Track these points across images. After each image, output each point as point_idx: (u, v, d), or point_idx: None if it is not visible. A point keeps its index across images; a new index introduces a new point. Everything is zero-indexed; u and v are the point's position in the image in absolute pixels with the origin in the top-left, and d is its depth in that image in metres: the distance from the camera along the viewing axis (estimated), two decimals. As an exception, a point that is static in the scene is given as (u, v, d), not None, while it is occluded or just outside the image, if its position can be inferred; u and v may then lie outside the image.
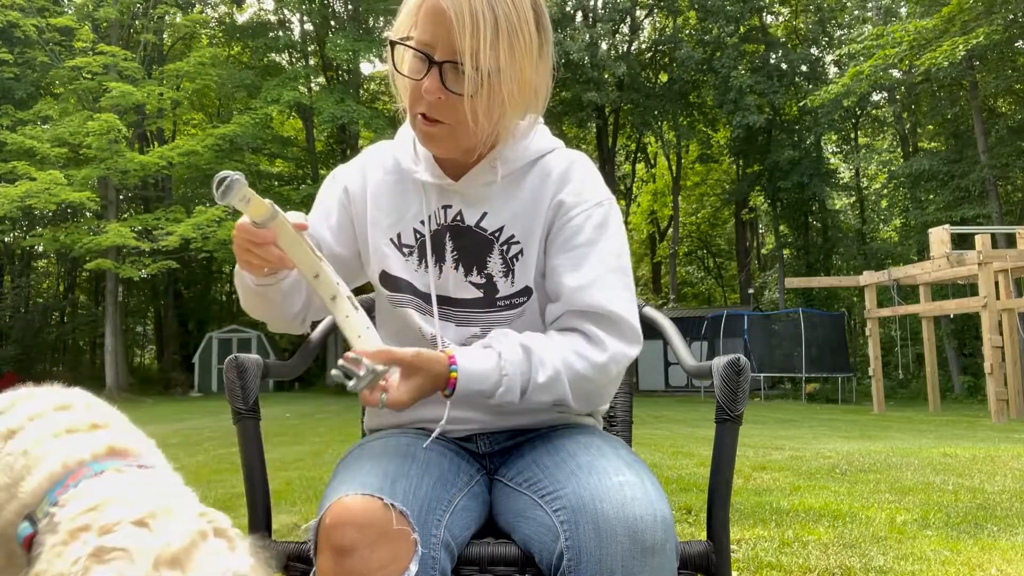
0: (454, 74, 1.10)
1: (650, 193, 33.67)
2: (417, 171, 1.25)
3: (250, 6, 29.25)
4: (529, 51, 1.13)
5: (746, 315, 20.77)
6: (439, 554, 1.00)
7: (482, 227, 1.24)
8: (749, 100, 22.70)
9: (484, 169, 1.22)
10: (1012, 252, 11.92)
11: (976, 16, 16.64)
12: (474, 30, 1.07)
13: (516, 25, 1.10)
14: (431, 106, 1.12)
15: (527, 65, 1.13)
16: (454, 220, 1.25)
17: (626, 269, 1.22)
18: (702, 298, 35.74)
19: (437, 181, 1.24)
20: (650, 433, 8.75)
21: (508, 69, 1.10)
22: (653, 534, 0.95)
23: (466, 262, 1.24)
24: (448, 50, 1.09)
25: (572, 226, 1.21)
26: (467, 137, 1.16)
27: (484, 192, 1.23)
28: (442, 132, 1.15)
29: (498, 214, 1.23)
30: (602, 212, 1.23)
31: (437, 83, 1.10)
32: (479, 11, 1.07)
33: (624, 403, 1.58)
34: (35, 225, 24.41)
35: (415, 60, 1.13)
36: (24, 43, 22.22)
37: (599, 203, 1.23)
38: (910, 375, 20.44)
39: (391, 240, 1.28)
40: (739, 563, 2.88)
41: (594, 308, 1.16)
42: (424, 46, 1.11)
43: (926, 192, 22.51)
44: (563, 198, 1.22)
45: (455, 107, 1.11)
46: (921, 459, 5.95)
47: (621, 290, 1.19)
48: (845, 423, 11.03)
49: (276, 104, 22.67)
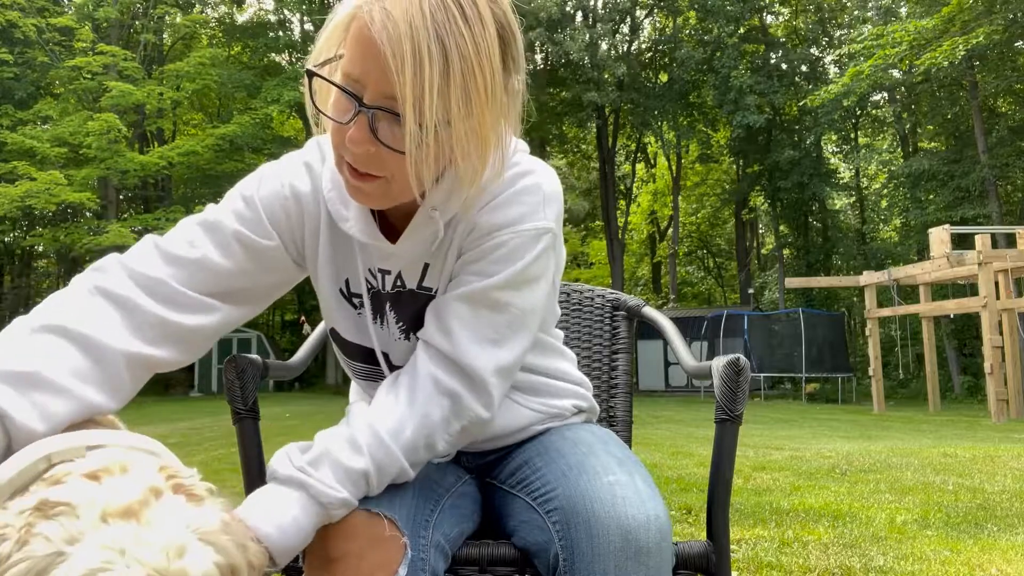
0: (389, 123, 0.87)
1: (650, 193, 33.67)
2: (348, 222, 1.03)
3: (250, 6, 29.25)
4: (491, 94, 0.88)
5: (746, 315, 20.77)
6: (428, 555, 0.99)
7: (425, 287, 1.07)
8: (749, 100, 22.70)
9: (423, 222, 1.01)
10: (1012, 252, 11.91)
11: (976, 16, 16.64)
12: (417, 73, 0.82)
13: (474, 63, 0.85)
14: (358, 158, 0.90)
15: (487, 111, 0.89)
16: (395, 287, 1.08)
17: (503, 307, 1.01)
18: (702, 298, 35.74)
19: (370, 242, 1.03)
20: (650, 433, 8.75)
21: (461, 121, 0.87)
22: (646, 534, 0.94)
23: (416, 329, 1.08)
24: (380, 93, 0.86)
25: (472, 255, 1.03)
26: (405, 193, 0.93)
27: (423, 248, 1.04)
28: (373, 188, 0.93)
29: (441, 263, 1.06)
30: (517, 244, 1.01)
31: (366, 133, 0.87)
32: (423, 47, 0.83)
33: (624, 403, 1.58)
34: (35, 225, 24.40)
35: (340, 97, 0.90)
36: (24, 43, 22.21)
37: (517, 232, 1.01)
38: (910, 375, 20.43)
39: (340, 291, 1.11)
40: (739, 563, 2.88)
41: (443, 349, 1.00)
42: (351, 82, 0.88)
43: (926, 192, 22.51)
44: (478, 218, 1.01)
45: (389, 161, 0.89)
46: (921, 459, 5.95)
47: (479, 329, 1.00)
48: (845, 423, 11.03)
49: (276, 104, 22.67)
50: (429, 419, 0.98)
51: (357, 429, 0.95)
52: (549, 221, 1.04)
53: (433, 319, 1.03)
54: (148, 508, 0.67)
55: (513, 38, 0.93)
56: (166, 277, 0.99)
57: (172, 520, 0.67)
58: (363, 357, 1.16)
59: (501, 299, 1.01)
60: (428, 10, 0.84)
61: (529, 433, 1.20)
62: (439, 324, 1.02)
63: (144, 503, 0.67)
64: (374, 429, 0.95)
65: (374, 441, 0.94)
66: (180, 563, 0.64)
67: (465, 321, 1.01)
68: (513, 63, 0.94)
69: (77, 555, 0.61)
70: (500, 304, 1.02)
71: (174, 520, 0.67)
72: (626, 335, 1.62)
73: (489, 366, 1.00)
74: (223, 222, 1.04)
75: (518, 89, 0.97)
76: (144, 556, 0.63)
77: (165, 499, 0.69)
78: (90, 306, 0.95)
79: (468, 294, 1.01)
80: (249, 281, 1.06)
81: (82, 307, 0.95)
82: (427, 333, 1.03)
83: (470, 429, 1.02)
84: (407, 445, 0.96)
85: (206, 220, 1.05)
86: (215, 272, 1.02)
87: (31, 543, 0.62)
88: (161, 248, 1.02)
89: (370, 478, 0.93)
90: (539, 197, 1.03)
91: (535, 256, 1.02)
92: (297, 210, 1.06)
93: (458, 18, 0.85)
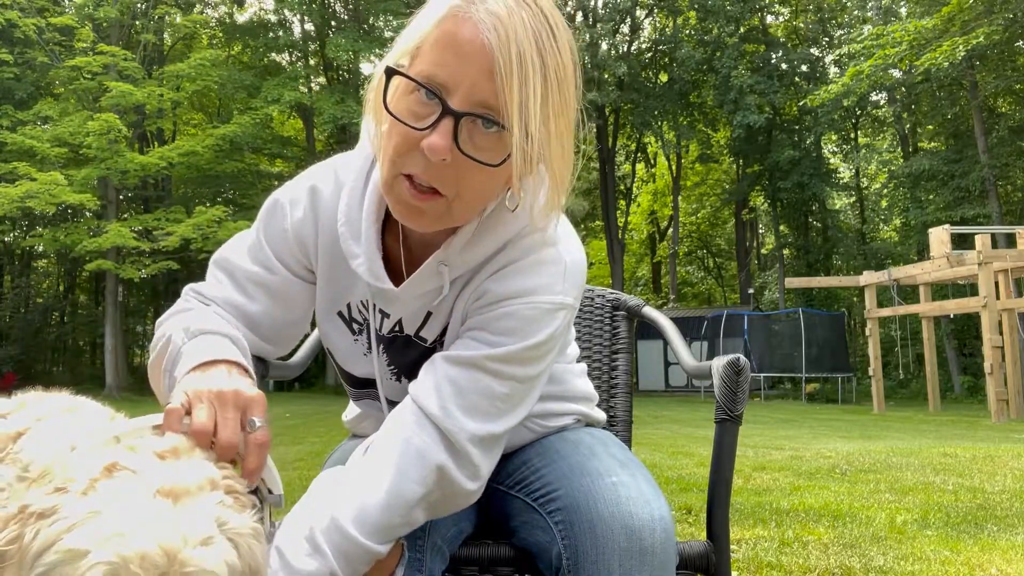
0: (471, 131, 0.84)
1: (650, 193, 33.66)
2: (357, 259, 0.99)
3: (250, 6, 29.24)
4: (572, 114, 0.89)
5: (746, 315, 20.77)
6: (425, 555, 0.99)
7: (421, 336, 1.04)
8: (749, 100, 22.70)
9: (429, 274, 0.97)
10: (1012, 252, 11.91)
11: (976, 16, 16.64)
12: (523, 82, 0.80)
13: (566, 81, 0.86)
14: (429, 169, 0.84)
15: (569, 131, 0.88)
16: (392, 331, 1.05)
17: (504, 378, 0.95)
18: (702, 298, 35.73)
19: (376, 284, 0.99)
20: (650, 433, 8.74)
21: (556, 137, 0.86)
22: (651, 534, 0.95)
23: (407, 373, 1.07)
24: (472, 99, 0.82)
25: (480, 320, 0.97)
26: (466, 215, 0.90)
27: (425, 301, 1.01)
28: (433, 208, 0.87)
29: (440, 316, 1.02)
30: (530, 315, 0.95)
31: (449, 140, 0.82)
32: (527, 57, 0.81)
33: (624, 403, 1.58)
34: (35, 225, 24.40)
35: (417, 101, 0.84)
36: (24, 43, 22.21)
37: (532, 305, 0.95)
38: (910, 375, 20.43)
39: (339, 314, 1.08)
40: (739, 563, 2.88)
41: (451, 434, 0.93)
42: (436, 85, 0.83)
43: (926, 192, 22.52)
44: (489, 285, 0.96)
45: (463, 176, 0.85)
46: (921, 459, 5.95)
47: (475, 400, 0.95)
48: (845, 423, 11.03)
49: (276, 104, 22.67)
50: (408, 496, 0.90)
51: (317, 520, 0.88)
52: (568, 296, 0.98)
53: (428, 378, 0.96)
54: (191, 496, 0.70)
55: (579, 71, 0.91)
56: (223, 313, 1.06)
57: (207, 512, 0.70)
58: (356, 383, 1.15)
59: (504, 371, 0.95)
60: (528, 20, 0.83)
61: (526, 438, 1.20)
62: (432, 384, 0.95)
63: (199, 488, 0.71)
64: (337, 523, 0.88)
65: (336, 534, 0.87)
66: (191, 551, 0.66)
67: (460, 388, 0.94)
68: (580, 90, 0.92)
69: (108, 517, 0.65)
70: (502, 375, 0.95)
71: (209, 513, 0.70)
72: (626, 335, 1.62)
73: (476, 438, 0.94)
74: (239, 263, 1.07)
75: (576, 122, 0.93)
76: (163, 533, 0.66)
77: (215, 495, 0.72)
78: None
79: (469, 360, 0.95)
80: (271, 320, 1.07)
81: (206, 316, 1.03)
82: (419, 392, 0.96)
83: (455, 500, 0.96)
84: (376, 529, 0.89)
85: (229, 262, 1.08)
86: (245, 313, 1.06)
87: (84, 499, 0.67)
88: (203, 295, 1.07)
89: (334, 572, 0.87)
90: (560, 268, 0.97)
91: (549, 334, 0.96)
92: (297, 242, 1.06)
93: (552, 34, 0.85)
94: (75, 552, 0.64)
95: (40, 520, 0.66)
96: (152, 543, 0.65)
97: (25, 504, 0.68)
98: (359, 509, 0.89)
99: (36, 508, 0.67)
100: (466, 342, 0.97)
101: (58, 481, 0.69)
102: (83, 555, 0.63)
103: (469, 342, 0.97)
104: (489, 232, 0.95)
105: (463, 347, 0.97)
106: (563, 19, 0.88)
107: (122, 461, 0.70)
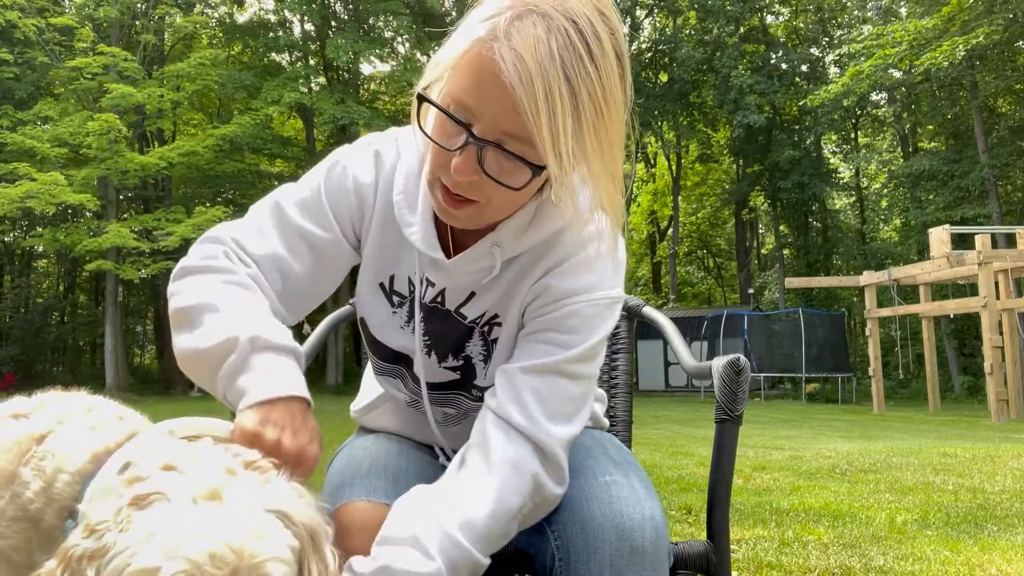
0: (496, 156, 0.87)
1: (650, 193, 33.65)
2: (411, 227, 1.03)
3: (250, 6, 29.23)
4: (618, 130, 0.88)
5: (746, 315, 20.76)
6: None
7: (461, 313, 1.07)
8: (749, 100, 22.71)
9: (483, 253, 1.01)
10: (1012, 252, 11.92)
11: (976, 16, 16.64)
12: (550, 115, 0.82)
13: (601, 103, 0.85)
14: (459, 185, 0.90)
15: (616, 147, 0.89)
16: (434, 301, 1.08)
17: (578, 378, 1.01)
18: (702, 298, 35.73)
19: (428, 252, 1.03)
20: (650, 433, 8.74)
21: (597, 159, 0.87)
22: (642, 534, 0.95)
23: (439, 349, 1.10)
24: (497, 128, 0.86)
25: (545, 320, 1.02)
26: (498, 216, 0.96)
27: (475, 278, 1.04)
28: (469, 212, 0.93)
29: (486, 296, 1.05)
30: (591, 312, 1.01)
31: (473, 164, 0.87)
32: (554, 88, 0.81)
33: (624, 403, 1.58)
34: (35, 225, 24.40)
35: (447, 122, 0.89)
36: (24, 43, 22.20)
37: (591, 301, 1.01)
38: (910, 375, 20.42)
39: (380, 285, 1.11)
40: (739, 563, 2.88)
41: (523, 429, 0.97)
42: (462, 110, 0.87)
43: (926, 192, 22.52)
44: (550, 281, 1.01)
45: (492, 190, 0.90)
46: (921, 459, 5.95)
47: (558, 405, 0.99)
48: (845, 423, 11.03)
49: (276, 105, 22.66)
50: (510, 506, 0.93)
51: (423, 531, 0.89)
52: (620, 289, 1.05)
53: (507, 391, 0.99)
54: (227, 489, 0.73)
55: (627, 66, 0.91)
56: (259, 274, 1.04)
57: (250, 499, 0.73)
58: (387, 356, 1.16)
59: (578, 371, 1.01)
60: (556, 50, 0.82)
61: None
62: (513, 396, 0.98)
63: (225, 483, 0.73)
64: (444, 530, 0.90)
65: (446, 542, 0.89)
66: (256, 544, 0.69)
67: (542, 396, 0.98)
68: (627, 81, 0.92)
69: (165, 535, 0.68)
70: (578, 376, 1.01)
71: (252, 499, 0.73)
72: (626, 335, 1.62)
73: (564, 443, 0.99)
74: (290, 215, 1.05)
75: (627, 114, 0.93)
76: (225, 534, 0.68)
77: (240, 477, 0.75)
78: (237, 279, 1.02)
79: (547, 366, 0.99)
80: (308, 284, 1.07)
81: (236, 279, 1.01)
82: (499, 405, 0.99)
83: (544, 507, 0.99)
84: (481, 539, 0.91)
85: (278, 214, 1.06)
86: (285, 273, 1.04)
87: (131, 530, 0.69)
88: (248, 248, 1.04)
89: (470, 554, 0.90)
90: (613, 264, 1.04)
91: (609, 328, 1.03)
92: (357, 202, 1.07)
93: (584, 58, 0.84)
94: (147, 571, 0.66)
95: (95, 560, 0.68)
96: (217, 543, 0.67)
97: (65, 549, 0.69)
98: (465, 519, 0.91)
99: (81, 551, 0.69)
100: (537, 347, 1.01)
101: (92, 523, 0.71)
102: (155, 572, 0.65)
103: (540, 347, 1.01)
104: (545, 220, 1.00)
105: (536, 354, 1.00)
106: (607, 21, 0.87)
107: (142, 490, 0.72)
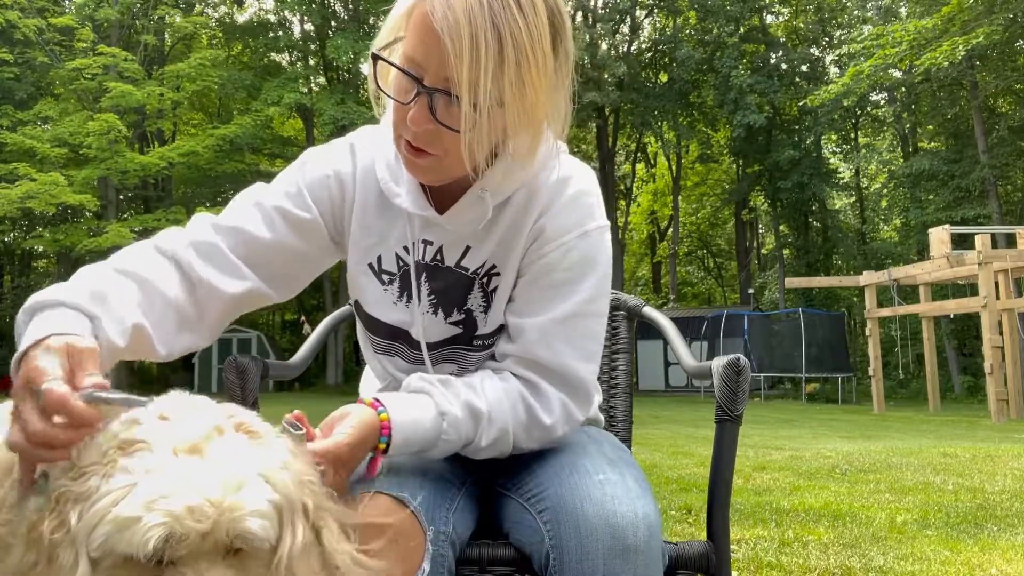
0: (447, 104, 0.94)
1: (650, 193, 33.67)
2: (399, 196, 1.10)
3: (250, 6, 29.25)
4: (541, 77, 0.95)
5: (746, 315, 20.77)
6: (447, 551, 1.00)
7: (463, 266, 1.12)
8: (749, 100, 22.71)
9: (472, 201, 1.07)
10: (1012, 252, 11.91)
11: (976, 16, 16.65)
12: (473, 60, 0.89)
13: (527, 49, 0.92)
14: (417, 136, 0.97)
15: (539, 94, 0.96)
16: (433, 259, 1.13)
17: (598, 315, 1.11)
18: (702, 298, 35.74)
19: (420, 212, 1.09)
20: (650, 433, 8.74)
21: (514, 102, 0.94)
22: (635, 532, 0.95)
23: (445, 305, 1.14)
24: (440, 76, 0.93)
25: (546, 262, 1.09)
26: (458, 168, 1.00)
27: (470, 228, 1.10)
28: (429, 163, 1.00)
29: (481, 248, 1.11)
30: (585, 245, 1.09)
31: (426, 113, 0.95)
32: (481, 35, 0.89)
33: (624, 403, 1.59)
34: (35, 225, 24.41)
35: (401, 78, 0.97)
36: (24, 43, 22.22)
37: (583, 233, 1.09)
38: (910, 375, 20.44)
39: (369, 265, 1.15)
40: (739, 563, 2.88)
41: (552, 366, 1.07)
42: (413, 65, 0.95)
43: (926, 192, 22.53)
44: (544, 223, 1.09)
45: (444, 138, 0.97)
46: (921, 459, 5.95)
47: (583, 344, 1.09)
48: (845, 423, 11.03)
49: (276, 105, 22.67)
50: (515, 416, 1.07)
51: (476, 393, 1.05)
52: (604, 217, 1.14)
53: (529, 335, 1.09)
54: (211, 444, 0.74)
55: (563, 25, 0.99)
56: (217, 242, 1.07)
57: (233, 456, 0.74)
58: (384, 332, 1.18)
59: (595, 309, 1.11)
60: (486, 1, 0.91)
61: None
62: (540, 340, 1.08)
63: (207, 439, 0.74)
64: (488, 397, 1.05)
65: (494, 399, 1.05)
66: (236, 497, 0.70)
67: (569, 339, 1.08)
68: (562, 50, 1.00)
69: (146, 484, 0.69)
70: (596, 314, 1.11)
71: (234, 456, 0.74)
72: (626, 335, 1.62)
73: (591, 375, 1.11)
74: (268, 197, 1.12)
75: (568, 71, 1.02)
76: (204, 486, 0.69)
77: (227, 436, 0.76)
78: (152, 259, 1.04)
79: (564, 315, 1.08)
80: (282, 256, 1.11)
81: (146, 259, 1.04)
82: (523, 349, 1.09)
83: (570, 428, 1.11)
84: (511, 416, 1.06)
85: (253, 195, 1.13)
86: (254, 240, 1.08)
87: (115, 476, 0.70)
88: (212, 221, 1.10)
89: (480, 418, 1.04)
90: (592, 199, 1.13)
91: (608, 257, 1.13)
92: (339, 190, 1.14)
93: (513, 7, 0.92)
94: (128, 519, 0.67)
95: (79, 503, 0.70)
96: (196, 497, 0.68)
97: (58, 492, 0.72)
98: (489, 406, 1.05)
99: (71, 493, 0.71)
100: (547, 293, 1.09)
101: (81, 463, 0.73)
102: (136, 521, 0.67)
103: (550, 291, 1.09)
104: (519, 166, 1.07)
105: (555, 300, 1.09)
106: None
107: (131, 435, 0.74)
